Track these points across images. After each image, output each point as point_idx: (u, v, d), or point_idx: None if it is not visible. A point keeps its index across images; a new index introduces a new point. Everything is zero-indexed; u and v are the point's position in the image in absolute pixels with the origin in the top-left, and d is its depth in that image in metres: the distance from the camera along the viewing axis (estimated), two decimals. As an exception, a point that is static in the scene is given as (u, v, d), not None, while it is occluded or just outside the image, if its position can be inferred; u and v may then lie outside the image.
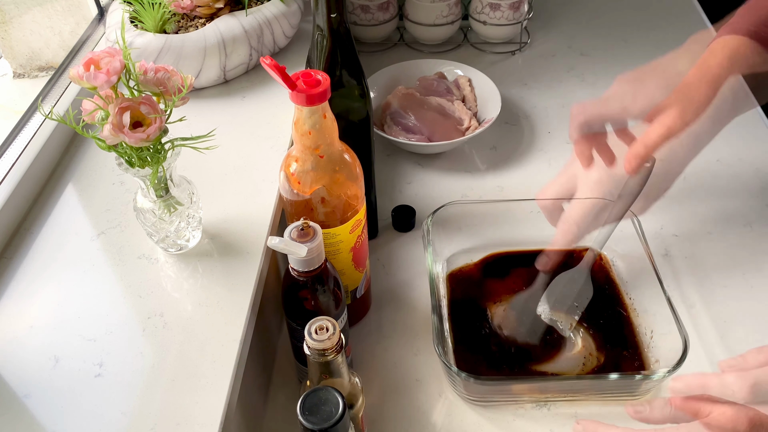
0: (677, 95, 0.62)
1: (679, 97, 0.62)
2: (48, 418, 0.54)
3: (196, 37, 0.82)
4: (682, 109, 0.61)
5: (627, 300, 0.75)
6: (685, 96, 0.62)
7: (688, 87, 0.62)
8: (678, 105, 0.62)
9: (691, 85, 0.62)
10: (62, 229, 0.70)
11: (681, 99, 0.62)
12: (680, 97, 0.62)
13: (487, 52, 1.17)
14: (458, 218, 0.79)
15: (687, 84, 0.63)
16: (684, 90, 0.62)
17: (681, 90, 0.63)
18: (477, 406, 0.68)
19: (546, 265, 0.67)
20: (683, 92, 0.62)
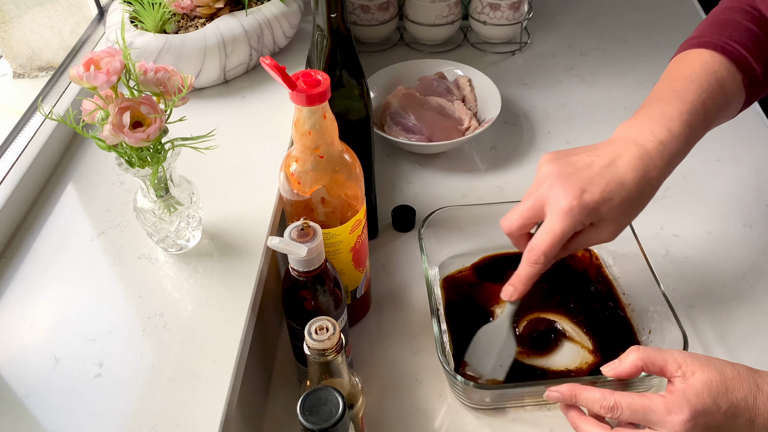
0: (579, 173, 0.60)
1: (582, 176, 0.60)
2: (48, 418, 0.54)
3: (196, 37, 0.82)
4: (575, 197, 0.59)
5: (622, 297, 0.75)
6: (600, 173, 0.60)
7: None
8: (570, 190, 0.59)
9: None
10: (62, 229, 0.70)
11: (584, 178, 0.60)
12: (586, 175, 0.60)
13: (487, 52, 1.17)
14: (452, 222, 0.79)
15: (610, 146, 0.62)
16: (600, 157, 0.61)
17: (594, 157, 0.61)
18: (478, 408, 0.68)
19: (512, 295, 0.64)
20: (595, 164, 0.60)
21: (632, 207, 0.61)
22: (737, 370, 0.54)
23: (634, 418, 0.54)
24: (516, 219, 0.63)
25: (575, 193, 0.59)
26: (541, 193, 0.61)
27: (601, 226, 0.61)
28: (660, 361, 0.56)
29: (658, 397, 0.54)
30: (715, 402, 0.53)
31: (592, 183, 0.59)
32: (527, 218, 0.63)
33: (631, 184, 0.60)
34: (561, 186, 0.60)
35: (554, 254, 0.61)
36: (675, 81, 0.65)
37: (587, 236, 0.62)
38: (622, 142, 0.62)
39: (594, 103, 1.05)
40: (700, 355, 0.56)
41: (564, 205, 0.59)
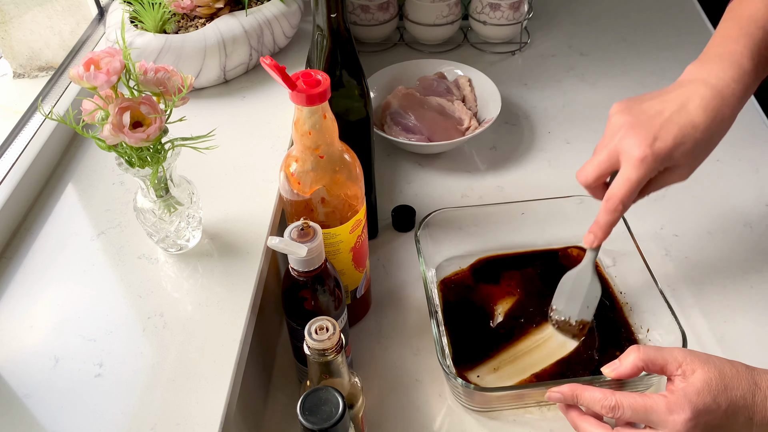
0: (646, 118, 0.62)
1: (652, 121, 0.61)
2: (48, 418, 0.54)
3: (196, 37, 0.82)
4: (648, 146, 0.60)
5: (619, 297, 0.75)
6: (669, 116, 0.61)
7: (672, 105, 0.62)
8: (643, 139, 0.60)
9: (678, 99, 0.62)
10: (62, 229, 0.70)
11: (654, 122, 0.61)
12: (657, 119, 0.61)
13: (487, 52, 1.17)
14: (449, 224, 0.79)
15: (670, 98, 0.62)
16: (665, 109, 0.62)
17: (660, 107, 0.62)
18: (478, 409, 0.68)
19: (593, 242, 0.66)
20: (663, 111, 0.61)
21: (706, 147, 0.63)
22: (736, 368, 0.54)
23: (636, 418, 0.55)
24: (592, 170, 0.64)
25: (648, 141, 0.60)
26: (615, 144, 0.63)
27: (674, 169, 0.63)
28: (660, 361, 0.56)
29: (659, 397, 0.54)
30: (715, 400, 0.53)
31: (665, 130, 0.60)
32: (603, 169, 0.64)
33: (703, 126, 0.61)
34: (634, 135, 0.61)
35: (631, 201, 0.63)
36: (740, 20, 0.65)
37: (662, 179, 0.64)
38: (693, 84, 0.63)
39: (594, 103, 1.05)
40: (699, 353, 0.56)
41: (638, 154, 0.60)
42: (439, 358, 0.64)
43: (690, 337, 0.73)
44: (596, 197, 0.66)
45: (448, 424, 0.67)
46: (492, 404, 0.67)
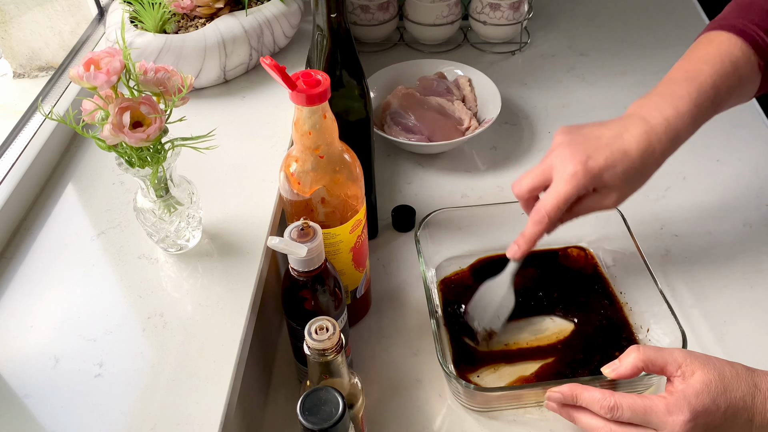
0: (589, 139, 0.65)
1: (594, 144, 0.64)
2: (48, 418, 0.54)
3: (196, 37, 0.82)
4: (580, 162, 0.63)
5: (619, 296, 0.75)
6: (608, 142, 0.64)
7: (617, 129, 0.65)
8: (576, 156, 0.64)
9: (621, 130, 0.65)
10: (62, 229, 0.70)
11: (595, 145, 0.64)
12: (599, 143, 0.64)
13: (487, 52, 1.17)
14: (449, 224, 0.79)
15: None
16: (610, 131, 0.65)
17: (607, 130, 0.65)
18: (478, 409, 0.68)
19: (515, 253, 0.68)
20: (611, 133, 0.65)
21: (635, 177, 0.65)
22: (736, 370, 0.54)
23: (635, 419, 0.54)
24: (526, 183, 0.67)
25: (580, 158, 0.63)
26: (550, 160, 0.66)
27: (604, 192, 0.65)
28: (660, 362, 0.56)
29: (658, 398, 0.54)
30: (714, 402, 0.53)
31: (598, 151, 0.63)
32: (536, 183, 0.66)
33: (634, 155, 0.63)
34: (569, 153, 0.64)
35: (558, 215, 0.64)
36: (690, 62, 0.69)
37: (591, 201, 0.66)
38: (631, 118, 0.66)
39: (594, 103, 1.05)
40: (699, 354, 0.56)
41: (569, 169, 0.63)
42: (439, 358, 0.64)
43: (690, 337, 0.73)
44: (526, 210, 0.68)
45: (449, 424, 0.67)
46: (492, 404, 0.67)
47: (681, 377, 0.54)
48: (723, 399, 0.53)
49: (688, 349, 0.57)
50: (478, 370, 0.70)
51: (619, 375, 0.58)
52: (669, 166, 0.67)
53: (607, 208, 0.66)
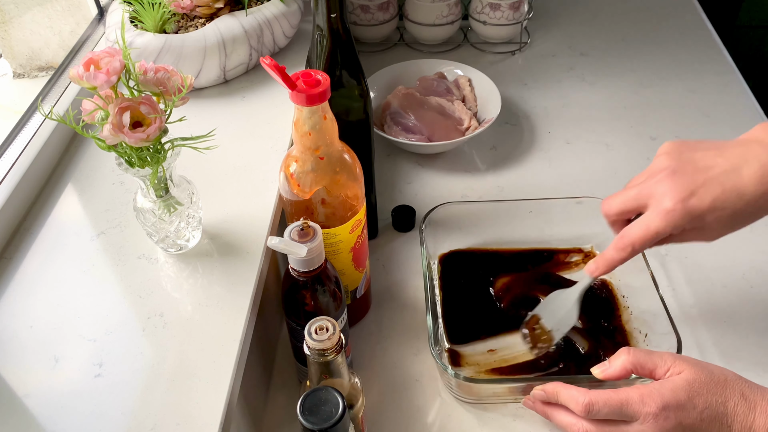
0: (690, 176, 0.56)
1: (693, 181, 0.56)
2: (48, 418, 0.54)
3: (196, 37, 0.82)
4: (681, 200, 0.55)
5: (620, 300, 0.75)
6: (709, 181, 0.55)
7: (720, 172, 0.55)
8: (678, 191, 0.55)
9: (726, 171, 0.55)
10: (62, 229, 0.70)
11: (693, 183, 0.56)
12: (697, 181, 0.56)
13: (487, 52, 1.17)
14: (453, 219, 0.79)
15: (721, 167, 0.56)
16: (713, 174, 0.56)
17: (706, 172, 0.56)
18: (476, 408, 0.68)
19: (593, 271, 0.63)
20: (708, 177, 0.56)
21: (746, 218, 0.57)
22: (725, 376, 0.54)
23: (612, 414, 0.54)
24: (617, 204, 0.61)
25: (683, 195, 0.55)
26: (649, 186, 0.58)
27: (703, 231, 0.58)
28: (650, 365, 0.56)
29: (633, 389, 0.54)
30: (691, 400, 0.52)
31: (706, 188, 0.55)
32: (628, 207, 0.60)
33: (750, 197, 0.55)
34: (671, 183, 0.56)
35: (644, 248, 0.59)
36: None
37: (686, 236, 0.59)
38: (756, 146, 0.57)
39: (594, 103, 1.05)
40: (690, 358, 0.56)
41: (668, 204, 0.56)
42: (431, 347, 0.64)
43: (690, 337, 0.73)
44: (614, 230, 0.64)
45: (448, 424, 0.67)
46: (483, 396, 0.67)
47: (668, 378, 0.55)
48: (701, 399, 0.52)
49: (680, 354, 0.57)
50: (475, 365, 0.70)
51: (608, 376, 0.57)
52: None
53: (704, 241, 0.59)
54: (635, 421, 0.54)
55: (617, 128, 1.00)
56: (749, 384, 0.54)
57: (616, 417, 0.55)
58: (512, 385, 0.65)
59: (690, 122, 1.00)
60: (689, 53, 1.13)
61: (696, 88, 1.06)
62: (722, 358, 0.71)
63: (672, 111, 1.03)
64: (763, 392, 0.53)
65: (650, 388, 0.54)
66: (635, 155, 0.95)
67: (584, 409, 0.55)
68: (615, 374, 0.57)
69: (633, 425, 0.54)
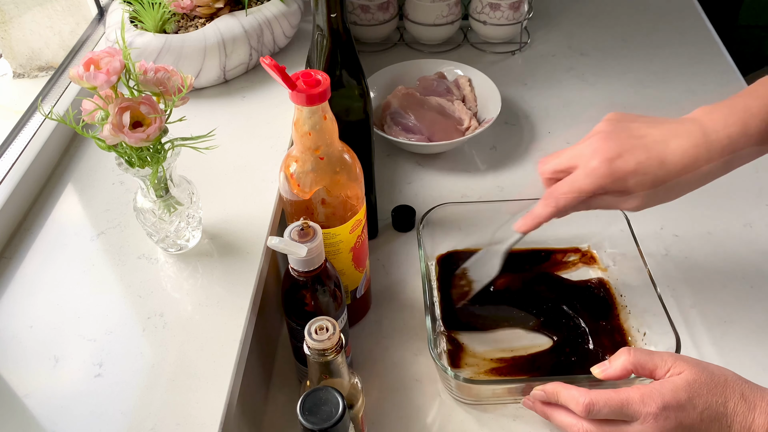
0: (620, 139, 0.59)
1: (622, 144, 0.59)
2: (48, 418, 0.54)
3: (196, 37, 0.82)
4: (607, 160, 0.59)
5: (618, 299, 0.75)
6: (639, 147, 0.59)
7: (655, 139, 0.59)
8: (606, 152, 0.59)
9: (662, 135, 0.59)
10: (62, 229, 0.70)
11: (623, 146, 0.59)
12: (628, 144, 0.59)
13: (487, 52, 1.17)
14: (451, 219, 0.79)
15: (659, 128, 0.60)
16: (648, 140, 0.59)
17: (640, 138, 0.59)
18: (476, 408, 0.68)
19: (520, 227, 0.67)
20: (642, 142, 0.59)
21: (665, 190, 0.59)
22: (725, 376, 0.54)
23: (612, 414, 0.54)
24: (551, 165, 0.64)
25: (609, 155, 0.58)
26: (582, 147, 0.61)
27: (626, 196, 0.60)
28: (650, 365, 0.56)
29: (634, 389, 0.54)
30: (690, 400, 0.53)
31: (632, 152, 0.58)
32: (561, 166, 0.63)
33: (671, 167, 0.58)
34: (601, 143, 0.60)
35: (570, 206, 0.62)
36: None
37: (610, 200, 0.62)
38: (690, 123, 0.60)
39: (594, 103, 1.05)
40: (691, 358, 0.56)
41: (593, 164, 0.59)
42: (431, 349, 0.64)
43: (690, 337, 0.73)
44: (546, 187, 0.66)
45: (448, 424, 0.67)
46: (482, 397, 0.67)
47: (668, 378, 0.54)
48: (702, 400, 0.53)
49: (680, 354, 0.57)
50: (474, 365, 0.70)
51: (608, 376, 0.58)
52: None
53: (629, 210, 0.62)
54: (635, 421, 0.54)
55: (617, 128, 1.00)
56: (749, 384, 0.54)
57: (616, 417, 0.54)
58: (512, 386, 0.65)
59: (690, 122, 1.00)
60: (689, 53, 1.13)
61: (696, 88, 1.06)
62: (722, 358, 0.71)
63: (672, 111, 1.02)
64: (762, 392, 0.53)
65: (651, 388, 0.54)
66: (635, 155, 0.95)
67: (584, 409, 0.55)
68: (615, 374, 0.57)
69: (633, 425, 0.54)
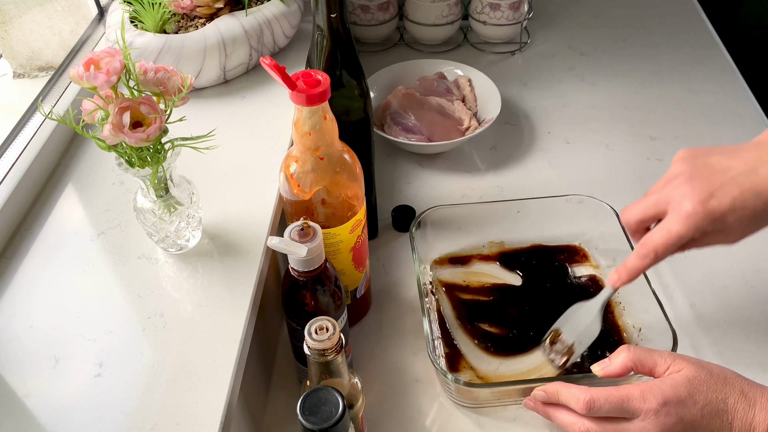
0: (706, 179, 0.56)
1: (708, 184, 0.56)
2: (48, 418, 0.54)
3: (196, 37, 0.82)
4: (700, 202, 0.55)
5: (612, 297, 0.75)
6: (722, 183, 0.55)
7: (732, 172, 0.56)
8: (697, 194, 0.56)
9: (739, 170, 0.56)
10: (62, 229, 0.70)
11: (709, 186, 0.56)
12: (711, 183, 0.56)
13: (487, 52, 1.17)
14: (445, 221, 0.79)
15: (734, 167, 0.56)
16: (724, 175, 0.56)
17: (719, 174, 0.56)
18: (475, 410, 0.68)
19: (615, 282, 0.63)
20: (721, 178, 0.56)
21: (765, 219, 0.57)
22: (724, 374, 0.54)
23: (613, 412, 0.54)
24: (637, 212, 0.61)
25: (702, 197, 0.56)
26: (667, 192, 0.59)
27: (725, 233, 0.58)
28: (650, 362, 0.56)
29: (634, 386, 0.54)
30: (691, 396, 0.53)
31: (724, 189, 0.56)
32: (648, 214, 0.60)
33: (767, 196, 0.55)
34: (689, 188, 0.57)
35: (667, 254, 0.59)
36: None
37: (708, 240, 0.59)
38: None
39: (594, 103, 1.05)
40: (689, 357, 0.56)
41: (688, 208, 0.56)
42: (430, 353, 0.64)
43: (689, 337, 0.73)
44: (634, 240, 0.63)
45: (448, 424, 0.67)
46: (482, 401, 0.67)
47: (669, 375, 0.55)
48: (702, 396, 0.53)
49: (680, 353, 0.57)
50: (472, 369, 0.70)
51: (608, 374, 0.58)
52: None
53: (725, 244, 0.59)
54: (636, 418, 0.54)
55: (617, 128, 1.00)
56: (748, 382, 0.54)
57: (617, 414, 0.55)
58: (510, 388, 0.65)
59: (690, 122, 1.00)
60: (689, 53, 1.13)
61: (696, 88, 1.06)
62: (722, 358, 0.71)
63: (672, 111, 1.03)
64: (762, 389, 0.54)
65: (651, 385, 0.54)
66: (635, 155, 0.95)
67: (585, 407, 0.55)
68: (615, 372, 0.57)
69: (634, 422, 0.54)
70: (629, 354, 0.57)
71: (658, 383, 0.54)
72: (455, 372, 0.69)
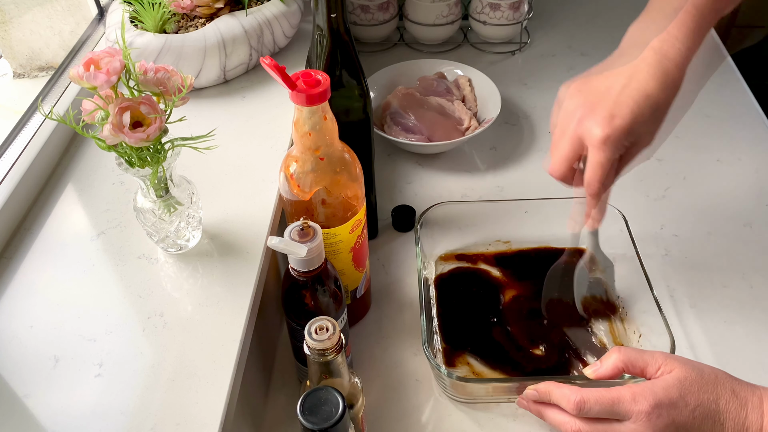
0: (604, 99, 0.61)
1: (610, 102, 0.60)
2: (48, 418, 0.54)
3: (196, 37, 0.82)
4: (607, 125, 0.59)
5: (616, 302, 0.75)
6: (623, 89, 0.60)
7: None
8: (600, 120, 0.60)
9: None
10: (62, 229, 0.70)
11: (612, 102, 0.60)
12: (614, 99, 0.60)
13: (487, 52, 1.17)
14: (450, 219, 0.79)
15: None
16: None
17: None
18: (474, 408, 0.68)
19: (593, 225, 0.67)
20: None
21: (663, 110, 0.61)
22: (715, 374, 0.54)
23: (603, 413, 0.54)
24: (561, 164, 0.64)
25: (606, 120, 0.59)
26: (573, 129, 0.62)
27: (640, 140, 0.62)
28: (641, 363, 0.56)
29: (625, 388, 0.54)
30: (683, 398, 0.53)
31: (619, 106, 0.60)
32: (570, 159, 0.63)
33: (656, 93, 0.60)
34: (591, 117, 0.60)
35: (609, 181, 0.62)
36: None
37: (630, 152, 0.63)
38: (637, 51, 0.62)
39: (594, 103, 1.05)
40: (681, 357, 0.56)
41: (600, 135, 0.59)
42: (425, 348, 0.64)
43: (689, 337, 0.73)
44: (576, 186, 0.66)
45: (448, 423, 0.67)
46: (476, 396, 0.67)
47: (660, 377, 0.55)
48: (693, 397, 0.53)
49: (671, 353, 0.57)
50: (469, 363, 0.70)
51: (600, 376, 0.58)
52: (669, 166, 0.67)
53: (645, 147, 0.63)
54: (628, 420, 0.54)
55: (617, 128, 1.00)
56: (739, 382, 0.54)
57: (607, 415, 0.55)
58: (504, 385, 0.65)
59: (690, 122, 1.00)
60: (689, 53, 1.13)
61: (696, 88, 1.06)
62: (721, 359, 0.71)
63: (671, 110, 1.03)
64: (753, 389, 0.54)
65: (642, 387, 0.54)
66: (635, 155, 0.95)
67: (576, 407, 0.55)
68: (607, 373, 0.57)
69: (626, 424, 0.54)
70: (620, 355, 0.57)
71: (650, 385, 0.54)
72: (452, 367, 0.69)
